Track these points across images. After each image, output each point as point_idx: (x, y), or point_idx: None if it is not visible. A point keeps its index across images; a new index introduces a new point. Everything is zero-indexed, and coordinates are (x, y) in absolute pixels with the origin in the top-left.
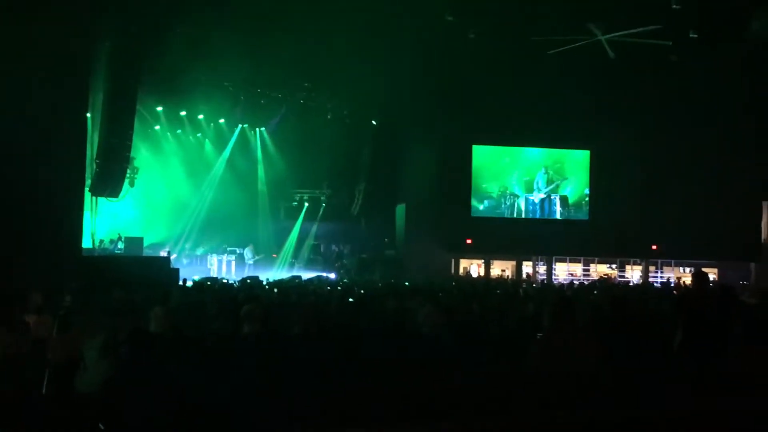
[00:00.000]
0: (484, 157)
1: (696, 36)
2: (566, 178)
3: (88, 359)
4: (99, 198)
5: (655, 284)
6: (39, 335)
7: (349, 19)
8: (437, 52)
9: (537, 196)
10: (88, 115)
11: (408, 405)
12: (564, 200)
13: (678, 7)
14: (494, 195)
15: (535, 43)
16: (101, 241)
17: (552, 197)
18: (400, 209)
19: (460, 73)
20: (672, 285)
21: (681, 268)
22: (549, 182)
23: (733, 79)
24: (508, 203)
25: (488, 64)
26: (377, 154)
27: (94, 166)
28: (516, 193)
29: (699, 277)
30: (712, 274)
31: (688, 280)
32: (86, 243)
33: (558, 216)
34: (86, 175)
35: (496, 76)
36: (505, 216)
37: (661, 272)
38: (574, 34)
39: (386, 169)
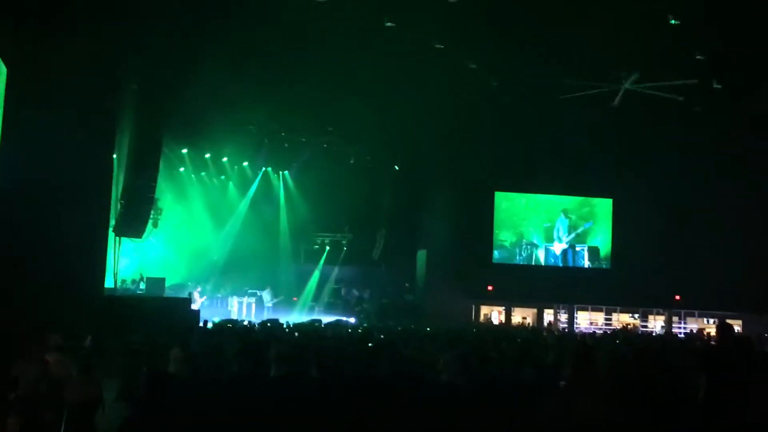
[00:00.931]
0: (500, 202)
1: (720, 87)
2: (591, 223)
3: (107, 400)
4: (122, 238)
5: (678, 335)
6: (58, 375)
7: (372, 65)
8: (460, 100)
9: (558, 247)
10: (114, 156)
11: None
12: (594, 252)
13: (702, 58)
14: (507, 245)
15: (558, 91)
16: (123, 281)
17: (578, 249)
18: (421, 255)
19: (482, 120)
20: (695, 335)
21: (705, 319)
22: (571, 228)
23: (756, 129)
24: (524, 254)
25: (511, 112)
26: (399, 199)
27: (119, 207)
28: (534, 242)
29: (723, 328)
30: (737, 326)
31: (712, 331)
32: (108, 282)
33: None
34: (110, 215)
35: (518, 124)
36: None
37: (685, 323)
38: (598, 83)
39: (407, 214)
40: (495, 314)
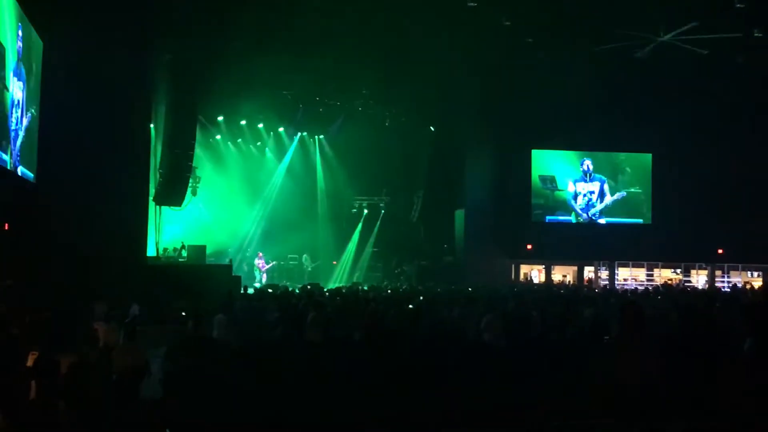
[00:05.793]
0: (537, 160)
1: (761, 35)
2: (623, 193)
3: (154, 366)
4: (162, 207)
5: (722, 289)
6: (107, 343)
7: (405, 26)
8: (495, 57)
9: (592, 210)
10: (151, 126)
11: (468, 411)
12: (630, 202)
13: (742, 6)
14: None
15: (595, 45)
16: (165, 250)
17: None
18: (459, 215)
19: (518, 77)
20: (740, 290)
21: (749, 273)
22: (607, 191)
23: None
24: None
25: (547, 67)
26: (435, 159)
27: (158, 176)
28: (568, 201)
29: None
30: None
31: (756, 284)
32: (151, 252)
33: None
34: (150, 185)
35: (554, 80)
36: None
37: (728, 277)
38: (634, 35)
39: (444, 174)
40: (535, 273)
